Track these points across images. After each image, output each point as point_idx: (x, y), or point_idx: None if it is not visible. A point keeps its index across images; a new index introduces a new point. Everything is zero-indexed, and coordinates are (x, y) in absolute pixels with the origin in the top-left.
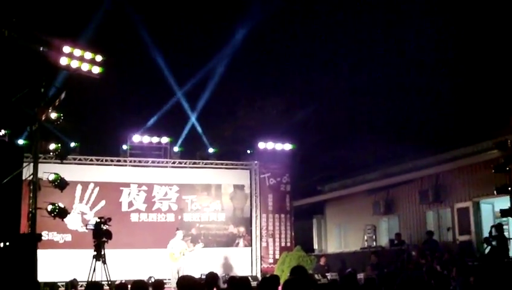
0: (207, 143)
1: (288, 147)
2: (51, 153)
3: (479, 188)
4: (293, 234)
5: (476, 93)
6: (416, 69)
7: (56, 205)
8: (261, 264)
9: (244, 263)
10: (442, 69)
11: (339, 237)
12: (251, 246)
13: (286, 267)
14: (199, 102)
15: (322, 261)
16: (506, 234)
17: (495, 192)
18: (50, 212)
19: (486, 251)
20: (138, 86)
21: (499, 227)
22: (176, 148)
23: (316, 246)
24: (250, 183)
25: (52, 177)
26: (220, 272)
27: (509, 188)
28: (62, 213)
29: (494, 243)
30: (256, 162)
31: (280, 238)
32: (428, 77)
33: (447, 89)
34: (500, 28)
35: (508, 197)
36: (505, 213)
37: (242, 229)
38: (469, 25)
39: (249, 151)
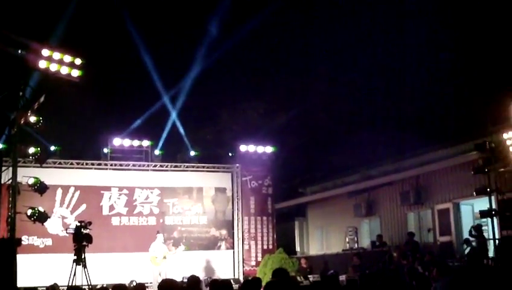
0: (188, 146)
1: (269, 149)
2: (30, 157)
3: (459, 189)
4: (275, 236)
5: (456, 96)
6: (397, 72)
7: (36, 209)
8: (243, 267)
9: (226, 265)
10: (423, 72)
11: (320, 239)
12: (233, 248)
13: (268, 269)
14: (180, 105)
15: (303, 262)
16: (485, 234)
17: (474, 193)
18: (30, 217)
19: (466, 251)
20: (119, 89)
21: (478, 228)
22: (156, 152)
23: (298, 249)
24: (232, 186)
25: (31, 181)
26: (202, 275)
27: (488, 190)
28: (42, 217)
29: (474, 243)
30: (237, 165)
31: (262, 240)
32: (410, 80)
33: (427, 91)
34: (481, 31)
35: (487, 199)
36: (484, 214)
37: (224, 232)
38: (452, 27)
39: (230, 154)
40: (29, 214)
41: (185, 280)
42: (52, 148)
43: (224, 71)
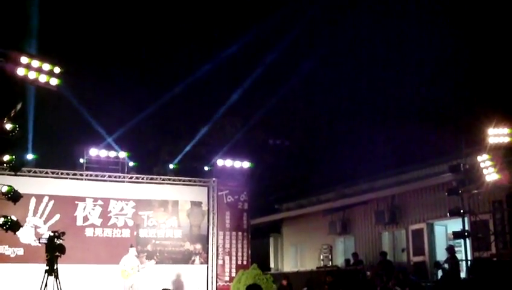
0: (173, 161)
1: (246, 165)
2: (5, 165)
3: (433, 210)
4: (249, 252)
5: (431, 118)
6: (373, 91)
7: (8, 217)
8: (216, 282)
9: (200, 280)
10: (398, 91)
11: (295, 256)
12: (207, 263)
13: (242, 285)
14: (159, 117)
15: (284, 282)
16: (458, 256)
17: (448, 214)
18: (2, 225)
19: (439, 273)
20: (97, 100)
21: (450, 249)
22: (131, 163)
23: (272, 265)
24: (208, 200)
25: (5, 189)
26: (175, 289)
27: (462, 211)
28: (14, 226)
29: (446, 265)
30: (214, 179)
31: (236, 256)
32: (386, 99)
33: (402, 111)
34: (457, 52)
35: (460, 220)
36: (457, 235)
37: (198, 246)
38: (429, 46)
39: (207, 168)
40: (1, 222)
41: None
42: (30, 156)
43: (203, 85)
